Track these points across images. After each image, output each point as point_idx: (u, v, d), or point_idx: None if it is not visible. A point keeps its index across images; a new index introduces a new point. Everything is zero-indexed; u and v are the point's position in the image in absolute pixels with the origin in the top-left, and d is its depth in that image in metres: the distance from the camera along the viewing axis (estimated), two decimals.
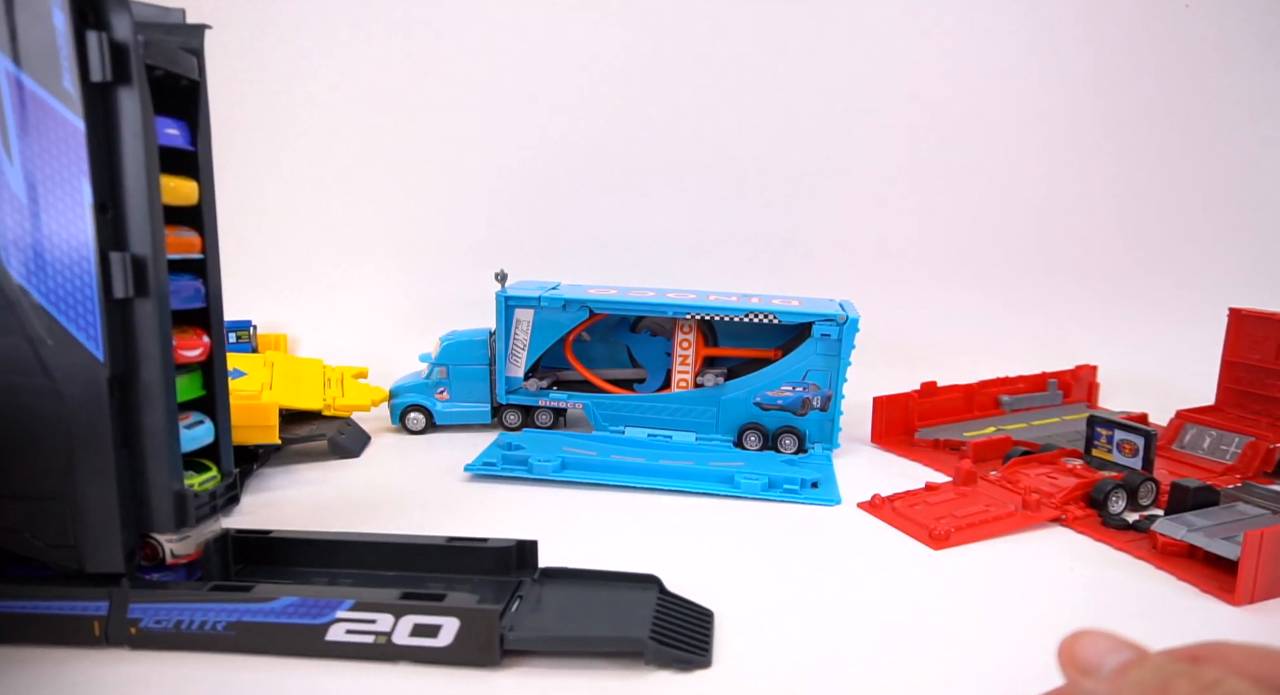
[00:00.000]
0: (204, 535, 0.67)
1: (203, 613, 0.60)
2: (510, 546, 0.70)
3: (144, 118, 0.56)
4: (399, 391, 1.20)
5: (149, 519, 0.62)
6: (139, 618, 0.61)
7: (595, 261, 1.67)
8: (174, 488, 0.61)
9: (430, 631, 0.59)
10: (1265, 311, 1.17)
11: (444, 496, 0.95)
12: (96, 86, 0.55)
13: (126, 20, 0.54)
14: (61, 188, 0.55)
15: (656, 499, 0.96)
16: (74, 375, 0.57)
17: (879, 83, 1.71)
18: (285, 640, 0.60)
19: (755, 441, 1.13)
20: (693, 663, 0.61)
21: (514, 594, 0.66)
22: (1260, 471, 1.03)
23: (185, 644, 0.61)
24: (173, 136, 0.62)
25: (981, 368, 1.38)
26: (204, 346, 0.66)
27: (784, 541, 0.85)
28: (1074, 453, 1.05)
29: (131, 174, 0.57)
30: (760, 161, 1.72)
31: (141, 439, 0.60)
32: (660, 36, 1.68)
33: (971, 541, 0.84)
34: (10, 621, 0.61)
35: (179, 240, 0.63)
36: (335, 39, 1.66)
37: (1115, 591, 0.75)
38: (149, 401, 0.60)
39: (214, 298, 0.67)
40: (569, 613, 0.64)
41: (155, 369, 0.59)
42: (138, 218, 0.57)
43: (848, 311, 1.11)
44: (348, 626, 0.60)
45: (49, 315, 0.56)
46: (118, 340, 0.58)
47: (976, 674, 0.61)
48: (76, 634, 0.61)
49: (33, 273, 0.56)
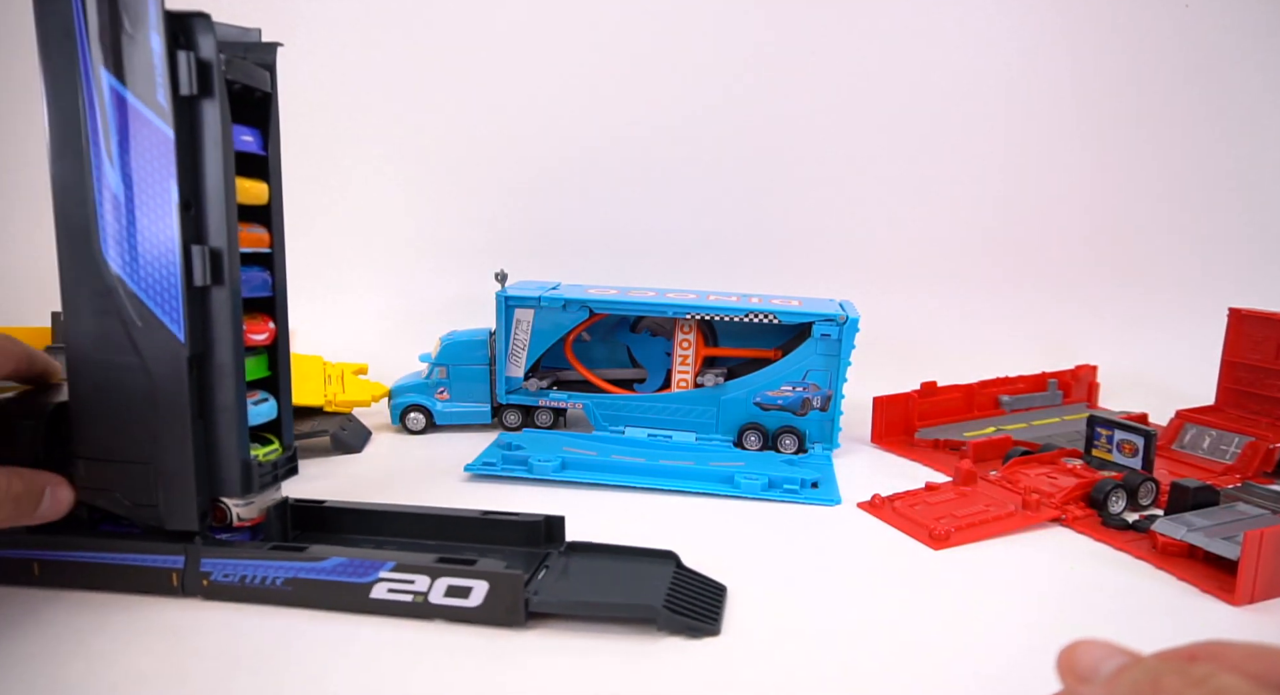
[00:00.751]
0: (267, 502, 0.74)
1: (264, 569, 0.68)
2: (540, 521, 0.76)
3: (224, 127, 0.63)
4: (399, 391, 1.20)
5: (219, 484, 0.69)
6: (209, 571, 0.69)
7: (595, 261, 1.67)
8: (242, 457, 0.69)
9: (463, 593, 0.65)
10: (1265, 311, 1.17)
11: (444, 496, 0.95)
12: (185, 99, 0.62)
13: (211, 41, 0.61)
14: (152, 188, 0.62)
15: (656, 499, 0.96)
16: (159, 354, 0.64)
17: (880, 83, 1.71)
18: (334, 596, 0.67)
19: (755, 441, 1.13)
20: (702, 630, 0.65)
21: (541, 564, 0.72)
22: (1260, 471, 1.03)
23: (249, 597, 0.68)
24: (247, 143, 0.69)
25: (981, 368, 1.38)
26: (270, 332, 0.73)
27: (784, 541, 0.85)
28: (1074, 453, 1.05)
29: (211, 176, 0.64)
30: (761, 162, 1.72)
31: (215, 413, 0.67)
32: (661, 39, 1.68)
33: (971, 541, 0.84)
34: (104, 571, 0.69)
35: (251, 235, 0.70)
36: (336, 40, 1.66)
37: (1115, 591, 0.75)
38: (222, 379, 0.67)
39: (280, 288, 0.74)
40: (591, 581, 0.69)
41: (228, 350, 0.66)
42: (215, 215, 0.64)
43: (848, 311, 1.11)
44: (389, 585, 0.66)
45: (140, 300, 0.64)
46: (196, 324, 0.65)
47: (976, 672, 0.61)
48: (158, 584, 0.69)
49: (127, 262, 0.63)
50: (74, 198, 0.63)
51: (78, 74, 0.61)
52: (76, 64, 0.61)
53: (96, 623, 0.65)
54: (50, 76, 0.62)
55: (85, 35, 0.60)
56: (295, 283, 0.73)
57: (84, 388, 0.66)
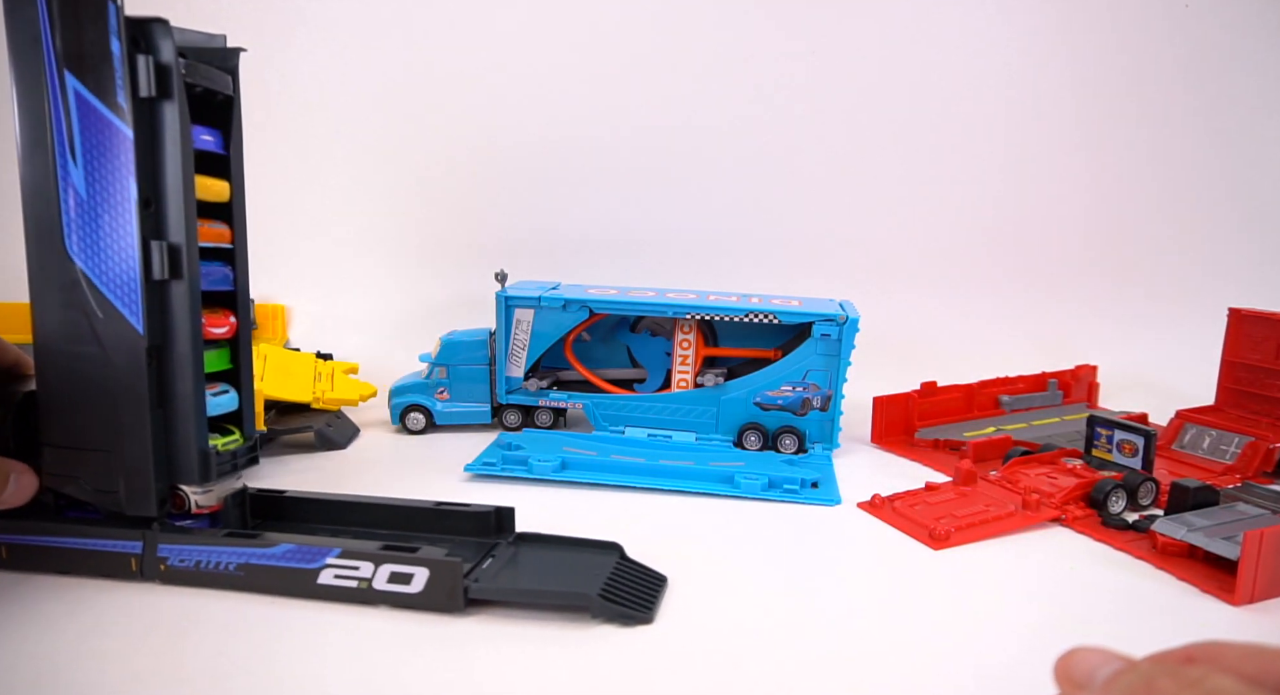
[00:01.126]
0: (225, 490, 0.76)
1: (217, 555, 0.70)
2: (489, 511, 0.78)
3: (182, 127, 0.65)
4: (399, 391, 1.20)
5: (178, 472, 0.71)
6: (166, 557, 0.71)
7: (595, 261, 1.67)
8: (200, 446, 0.71)
9: (405, 579, 0.67)
10: (1265, 311, 1.17)
11: (444, 496, 0.95)
12: (144, 101, 0.64)
13: (170, 45, 0.64)
14: (113, 186, 0.64)
15: (656, 499, 0.96)
16: (119, 345, 0.67)
17: (880, 83, 1.71)
18: (284, 581, 0.69)
19: (755, 441, 1.13)
20: (634, 618, 0.66)
21: (488, 553, 0.74)
22: (1260, 471, 1.03)
23: (204, 581, 0.71)
24: (207, 142, 0.71)
25: (981, 368, 1.38)
26: (230, 325, 0.75)
27: (784, 541, 0.85)
28: (1074, 453, 1.05)
29: (170, 174, 0.66)
30: (761, 162, 1.72)
31: (174, 402, 0.70)
32: (661, 38, 1.68)
33: (971, 541, 0.84)
34: (68, 555, 0.72)
35: (212, 231, 0.72)
36: (336, 41, 1.66)
37: (1115, 591, 0.75)
38: (181, 370, 0.69)
39: (241, 283, 0.76)
40: (534, 571, 0.71)
41: (186, 342, 0.69)
42: (175, 212, 0.67)
43: (848, 311, 1.11)
44: (336, 571, 0.69)
45: (101, 293, 0.66)
46: (155, 316, 0.67)
47: (976, 672, 0.61)
48: (118, 568, 0.71)
49: (90, 257, 0.66)
50: (41, 195, 0.66)
51: (44, 77, 0.64)
52: (43, 67, 0.63)
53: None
54: (19, 80, 0.64)
55: (50, 40, 0.63)
56: (296, 283, 0.73)
57: (50, 377, 0.69)
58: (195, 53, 0.69)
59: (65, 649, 0.62)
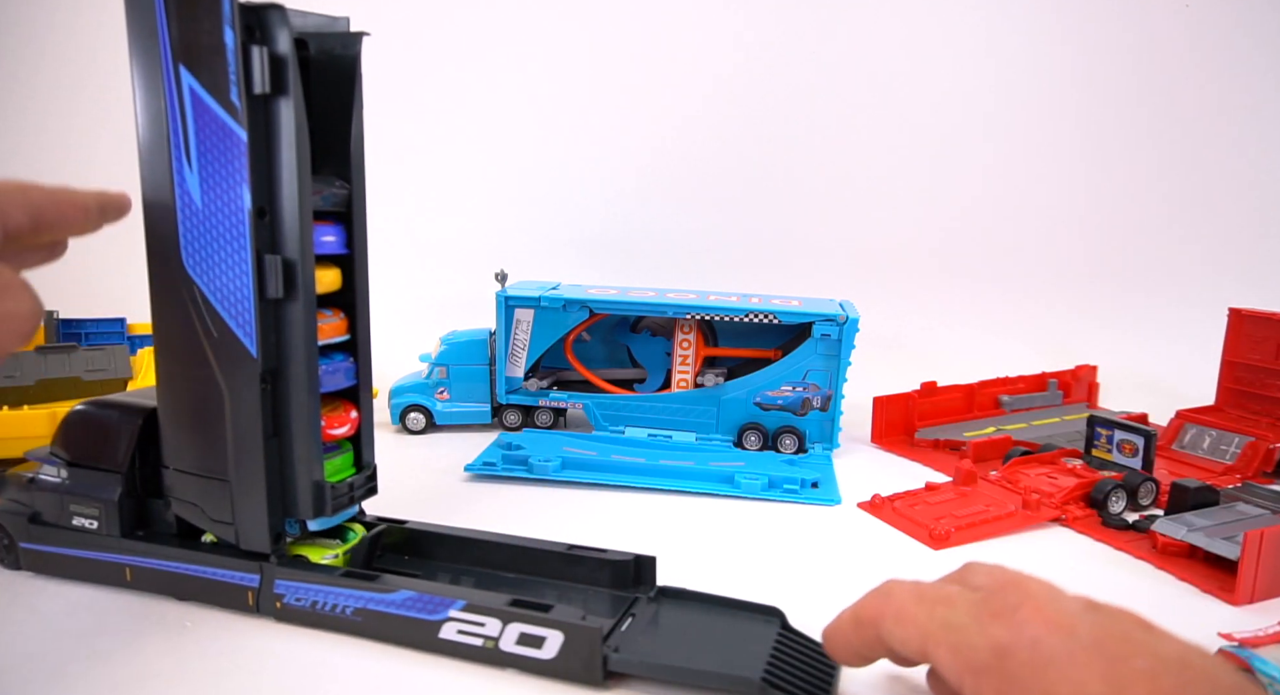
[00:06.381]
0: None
1: (334, 596, 0.65)
2: (629, 560, 0.69)
3: (298, 127, 0.59)
4: (399, 391, 1.20)
5: (292, 505, 0.66)
6: (283, 594, 0.66)
7: (595, 261, 1.67)
8: (314, 477, 0.65)
9: (536, 642, 0.60)
10: (1265, 311, 1.17)
11: (444, 496, 0.95)
12: (258, 98, 0.58)
13: (286, 35, 0.57)
14: (227, 193, 0.59)
15: (657, 499, 0.96)
16: (232, 368, 0.62)
17: (881, 83, 1.71)
18: (404, 632, 0.63)
19: (755, 441, 1.13)
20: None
21: (627, 611, 0.65)
22: (1260, 471, 1.03)
23: (320, 623, 0.66)
24: (329, 244, 0.65)
25: (981, 368, 1.38)
26: (352, 422, 0.69)
27: (784, 541, 0.85)
28: (1074, 453, 1.05)
29: (286, 182, 0.60)
30: (762, 162, 1.72)
31: (288, 430, 0.64)
32: (661, 40, 1.68)
33: (971, 541, 0.84)
34: (189, 582, 0.69)
35: (328, 326, 0.67)
36: None
37: (1115, 591, 0.74)
38: (295, 396, 0.63)
39: (360, 291, 0.69)
40: (681, 638, 0.62)
41: (301, 367, 0.63)
42: (289, 222, 0.60)
43: (848, 311, 1.11)
44: (459, 626, 0.62)
45: (216, 310, 0.61)
46: (270, 337, 0.62)
47: None
48: (235, 600, 0.68)
49: (204, 271, 0.61)
50: (159, 203, 0.61)
51: (160, 73, 0.59)
52: (159, 63, 0.58)
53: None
54: (139, 77, 0.60)
55: (167, 31, 0.58)
56: None
57: (169, 399, 0.66)
58: (315, 38, 0.63)
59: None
